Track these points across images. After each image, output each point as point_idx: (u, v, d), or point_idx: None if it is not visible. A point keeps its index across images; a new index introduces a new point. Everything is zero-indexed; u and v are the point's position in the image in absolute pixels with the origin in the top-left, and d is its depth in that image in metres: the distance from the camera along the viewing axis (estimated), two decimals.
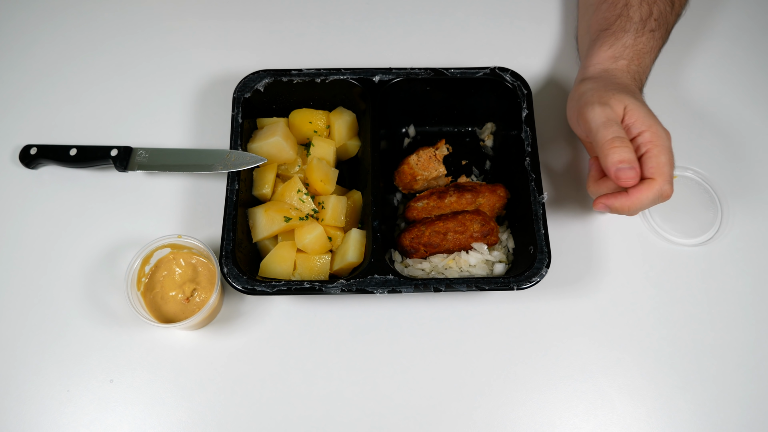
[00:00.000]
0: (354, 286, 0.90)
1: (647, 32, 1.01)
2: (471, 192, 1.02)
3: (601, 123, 0.88)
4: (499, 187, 1.03)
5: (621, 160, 0.85)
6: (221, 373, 0.97)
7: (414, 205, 1.03)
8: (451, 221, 0.98)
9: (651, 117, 0.90)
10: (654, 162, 0.87)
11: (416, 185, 1.07)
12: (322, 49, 1.21)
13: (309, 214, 0.99)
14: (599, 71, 1.00)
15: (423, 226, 0.99)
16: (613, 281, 1.04)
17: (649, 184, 0.87)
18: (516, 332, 1.00)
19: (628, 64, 0.99)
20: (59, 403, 0.94)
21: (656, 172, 0.87)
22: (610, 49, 1.00)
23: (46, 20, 1.23)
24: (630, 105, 0.90)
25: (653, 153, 0.87)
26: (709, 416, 0.95)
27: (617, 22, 1.02)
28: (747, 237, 1.07)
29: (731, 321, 1.01)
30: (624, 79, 0.98)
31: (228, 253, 0.91)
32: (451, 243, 0.98)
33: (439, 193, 1.03)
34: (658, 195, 0.87)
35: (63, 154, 1.06)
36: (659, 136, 0.88)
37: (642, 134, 0.89)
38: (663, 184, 0.87)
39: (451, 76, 1.03)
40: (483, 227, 0.98)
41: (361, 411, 0.95)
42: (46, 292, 1.01)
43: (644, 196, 0.87)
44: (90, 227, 1.05)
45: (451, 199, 1.02)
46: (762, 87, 1.20)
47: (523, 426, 0.94)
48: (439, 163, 1.06)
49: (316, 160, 1.02)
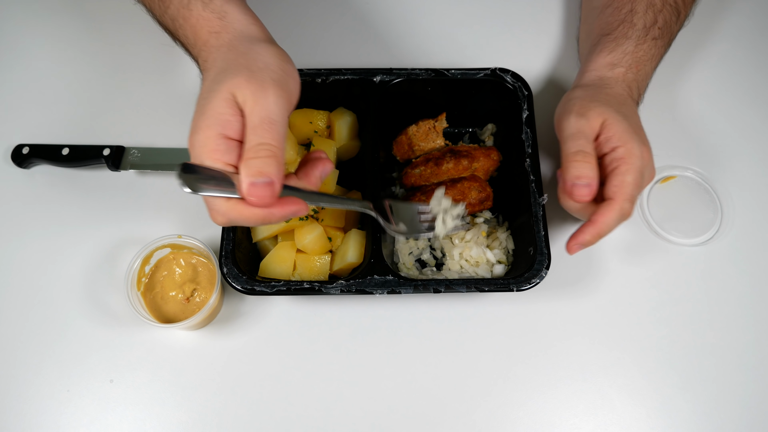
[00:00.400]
0: (353, 287, 0.90)
1: (649, 40, 0.99)
2: (467, 158, 1.03)
3: (570, 134, 0.87)
4: (492, 150, 1.05)
5: (578, 175, 0.84)
6: (221, 373, 0.97)
7: (411, 172, 1.03)
8: (450, 189, 0.99)
9: (629, 133, 0.87)
10: (618, 180, 0.84)
11: (413, 156, 1.07)
12: (322, 49, 1.21)
13: (309, 215, 0.99)
14: (594, 79, 0.98)
15: (423, 195, 0.99)
16: (613, 281, 1.04)
17: (609, 205, 0.84)
18: (516, 333, 1.00)
19: (625, 72, 0.97)
20: (59, 403, 0.95)
21: (617, 191, 0.84)
22: (609, 55, 0.99)
23: (39, 19, 1.23)
24: (610, 119, 0.87)
25: (620, 171, 0.85)
26: (709, 416, 0.96)
27: (620, 27, 1.01)
28: (747, 237, 1.07)
29: (731, 321, 1.01)
30: (617, 89, 0.96)
31: (228, 253, 0.91)
32: None
33: (436, 160, 1.03)
34: (619, 215, 0.84)
35: (55, 154, 1.06)
36: (631, 154, 0.85)
37: (615, 150, 0.86)
38: (623, 203, 0.84)
39: (452, 77, 1.03)
40: (480, 194, 1.00)
41: (361, 411, 0.95)
42: (46, 292, 1.01)
43: (608, 219, 0.84)
44: (90, 227, 1.05)
45: (448, 165, 1.02)
46: (762, 87, 1.19)
47: (523, 426, 0.95)
48: (438, 135, 1.06)
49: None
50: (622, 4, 1.02)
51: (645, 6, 1.01)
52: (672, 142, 1.13)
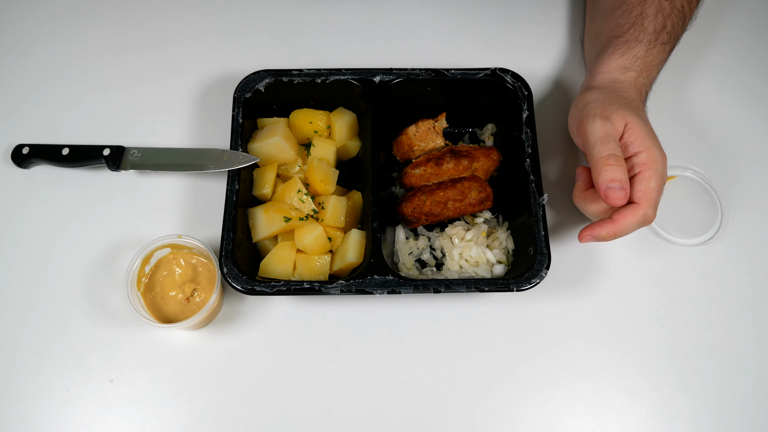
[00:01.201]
0: (353, 287, 0.90)
1: (659, 45, 1.00)
2: (467, 158, 1.03)
3: (599, 138, 0.88)
4: (492, 150, 1.05)
5: (612, 178, 0.85)
6: (221, 373, 0.97)
7: (411, 172, 1.03)
8: (451, 190, 0.99)
9: (650, 138, 0.89)
10: (643, 186, 0.86)
11: (413, 156, 1.08)
12: (322, 49, 1.21)
13: (309, 215, 0.99)
14: (607, 81, 0.99)
15: (423, 195, 1.00)
16: (613, 281, 1.04)
17: (633, 209, 0.86)
18: (516, 333, 1.00)
19: (636, 76, 0.98)
20: (59, 403, 0.94)
21: (642, 197, 0.86)
22: (621, 58, 0.99)
23: (41, 19, 1.23)
24: (631, 122, 0.89)
25: (644, 176, 0.87)
26: (708, 416, 0.96)
27: (631, 30, 1.00)
28: (747, 237, 1.07)
29: (731, 321, 1.01)
30: (630, 92, 0.97)
31: (228, 253, 0.91)
32: (451, 211, 1.00)
33: (436, 160, 1.03)
34: (641, 220, 0.86)
35: (55, 154, 1.06)
36: (654, 160, 0.87)
37: (638, 154, 0.88)
38: (647, 209, 0.86)
39: (452, 77, 1.03)
40: (480, 194, 1.00)
41: (360, 410, 0.95)
42: (46, 292, 1.01)
43: (629, 221, 0.86)
44: (90, 227, 1.05)
45: (449, 165, 1.02)
46: (762, 87, 1.20)
47: (523, 426, 0.94)
48: (438, 135, 1.07)
49: (316, 161, 1.02)
50: (631, 7, 1.02)
51: (655, 10, 1.01)
52: (672, 142, 1.12)
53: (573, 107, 1.00)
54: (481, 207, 1.01)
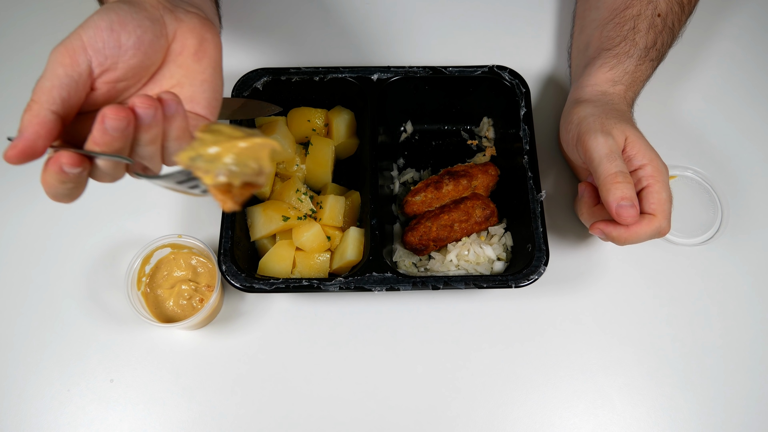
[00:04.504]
0: (352, 284, 0.90)
1: (647, 61, 1.00)
2: (465, 177, 1.02)
3: (604, 155, 0.87)
4: (490, 166, 1.05)
5: (623, 197, 0.84)
6: (221, 372, 0.97)
7: (412, 200, 1.03)
8: (455, 212, 0.99)
9: (652, 150, 0.89)
10: (656, 198, 0.86)
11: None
12: (320, 47, 1.21)
13: (307, 214, 0.99)
14: (597, 94, 0.98)
15: (428, 221, 0.99)
16: (613, 280, 1.03)
17: (649, 220, 0.86)
18: (515, 330, 1.00)
19: (625, 90, 0.98)
20: (59, 402, 0.95)
21: (657, 209, 0.86)
22: (611, 71, 0.99)
23: (39, 19, 1.23)
24: (631, 136, 0.89)
25: (655, 189, 0.87)
26: (709, 415, 0.95)
27: (622, 44, 1.00)
28: (747, 237, 1.07)
29: (731, 320, 1.01)
30: (622, 105, 0.97)
31: (226, 251, 0.91)
32: (458, 233, 0.99)
33: (435, 184, 1.02)
34: (656, 231, 0.86)
35: None
36: (660, 171, 0.88)
37: (643, 167, 0.88)
38: (662, 221, 0.86)
39: (450, 75, 1.04)
40: (485, 211, 0.99)
41: (360, 409, 0.95)
42: (47, 291, 1.01)
43: (643, 231, 0.86)
44: (90, 227, 1.05)
45: (448, 187, 1.02)
46: (763, 87, 1.19)
47: (523, 425, 0.94)
48: None
49: (311, 148, 1.04)
50: (624, 21, 1.02)
51: (647, 25, 1.00)
52: (672, 142, 1.12)
53: (565, 121, 0.99)
54: (487, 224, 1.00)
